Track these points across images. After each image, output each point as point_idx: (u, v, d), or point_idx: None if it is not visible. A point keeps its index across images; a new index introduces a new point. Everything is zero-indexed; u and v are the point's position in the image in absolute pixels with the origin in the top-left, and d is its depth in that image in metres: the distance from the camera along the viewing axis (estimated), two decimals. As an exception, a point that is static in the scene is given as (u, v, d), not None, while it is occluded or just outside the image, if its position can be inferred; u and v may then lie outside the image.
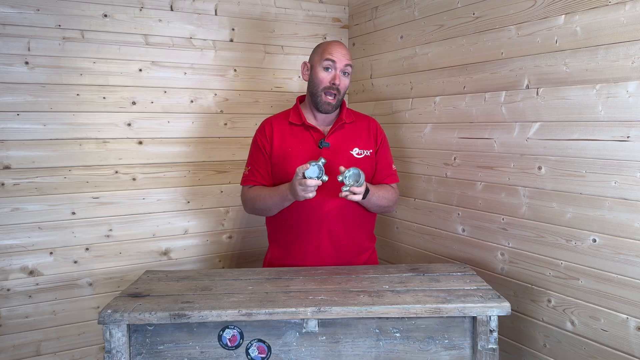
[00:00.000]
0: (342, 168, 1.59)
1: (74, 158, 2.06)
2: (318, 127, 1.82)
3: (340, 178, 1.58)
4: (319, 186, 1.74)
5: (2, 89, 1.92)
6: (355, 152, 1.82)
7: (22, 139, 1.97)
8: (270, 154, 1.82)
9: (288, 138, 1.82)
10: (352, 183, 1.57)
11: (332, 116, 1.85)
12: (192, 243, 2.34)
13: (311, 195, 1.56)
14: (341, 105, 1.88)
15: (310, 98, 1.82)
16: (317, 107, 1.79)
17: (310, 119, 1.84)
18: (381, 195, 1.78)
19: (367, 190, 1.66)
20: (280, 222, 1.84)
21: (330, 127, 1.83)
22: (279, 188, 1.71)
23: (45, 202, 2.02)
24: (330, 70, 1.76)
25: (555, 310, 1.64)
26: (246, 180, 1.85)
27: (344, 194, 1.57)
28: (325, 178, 1.56)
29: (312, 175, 1.54)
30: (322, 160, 1.56)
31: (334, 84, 1.75)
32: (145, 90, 2.18)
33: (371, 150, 1.85)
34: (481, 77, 1.86)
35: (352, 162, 1.78)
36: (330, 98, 1.76)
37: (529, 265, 1.72)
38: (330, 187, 1.76)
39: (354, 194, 1.58)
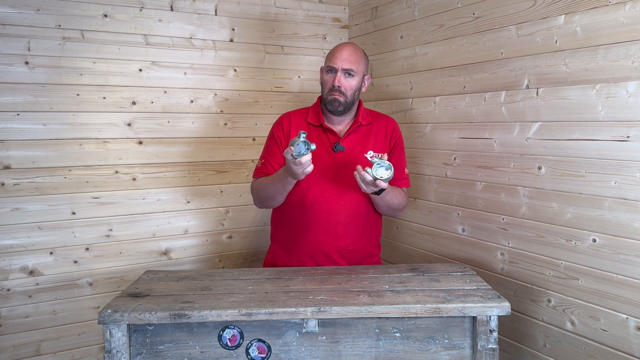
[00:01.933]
0: (383, 157, 1.57)
1: (74, 158, 2.06)
2: (335, 130, 1.81)
3: (369, 156, 1.56)
4: (327, 190, 1.75)
5: (2, 89, 1.93)
6: (369, 155, 1.78)
7: (22, 139, 1.97)
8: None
9: None
10: (373, 172, 1.54)
11: (349, 118, 1.85)
12: (192, 243, 2.34)
13: (309, 169, 1.54)
14: (358, 106, 1.87)
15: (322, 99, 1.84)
16: (326, 106, 1.80)
17: (327, 121, 1.83)
18: (394, 195, 1.76)
19: (379, 190, 1.63)
20: (285, 221, 1.84)
21: (347, 129, 1.82)
22: (277, 173, 1.70)
23: (45, 202, 2.02)
24: (331, 72, 1.77)
25: (555, 310, 1.65)
26: (257, 172, 1.85)
27: (359, 176, 1.55)
28: (313, 147, 1.52)
29: (300, 152, 1.51)
30: (303, 134, 1.52)
31: (333, 85, 1.75)
32: (145, 90, 2.18)
33: (386, 154, 1.82)
34: (481, 77, 1.86)
35: (366, 165, 1.72)
36: (335, 96, 1.75)
37: (529, 265, 1.72)
38: (339, 193, 1.76)
39: (368, 184, 1.55)
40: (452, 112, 2.00)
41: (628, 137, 1.42)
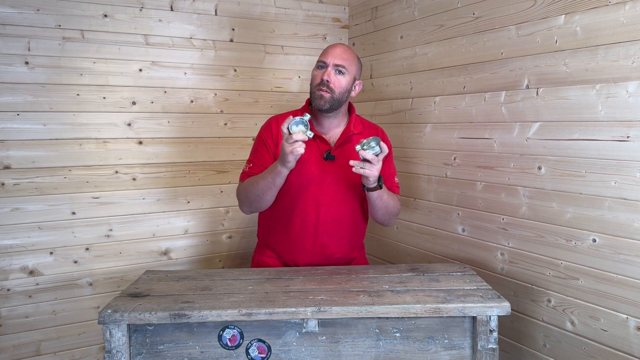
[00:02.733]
0: (362, 139, 1.55)
1: (74, 158, 2.06)
2: (325, 137, 1.76)
3: (358, 147, 1.53)
4: (316, 199, 1.73)
5: (2, 89, 1.93)
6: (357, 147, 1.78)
7: (22, 139, 1.97)
8: (275, 154, 1.76)
9: None
10: (367, 148, 1.52)
11: (341, 124, 1.80)
12: (192, 243, 2.34)
13: (300, 149, 1.51)
14: (350, 113, 1.83)
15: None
16: (314, 104, 1.72)
17: (317, 126, 1.77)
18: (390, 195, 1.74)
19: (382, 180, 1.63)
20: (273, 227, 1.81)
21: (338, 137, 1.77)
22: (269, 167, 1.67)
23: (45, 202, 2.02)
24: (322, 67, 1.72)
25: (555, 310, 1.65)
26: (244, 176, 1.78)
27: (356, 167, 1.54)
28: (311, 134, 1.53)
29: (296, 129, 1.52)
30: (307, 115, 1.54)
31: (322, 79, 1.69)
32: (145, 90, 2.18)
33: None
34: (481, 77, 1.86)
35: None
36: (322, 92, 1.68)
37: (529, 265, 1.72)
38: (328, 202, 1.74)
39: (367, 162, 1.53)
40: (452, 112, 2.00)
41: (628, 137, 1.42)
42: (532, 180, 1.69)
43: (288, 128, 1.53)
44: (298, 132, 1.52)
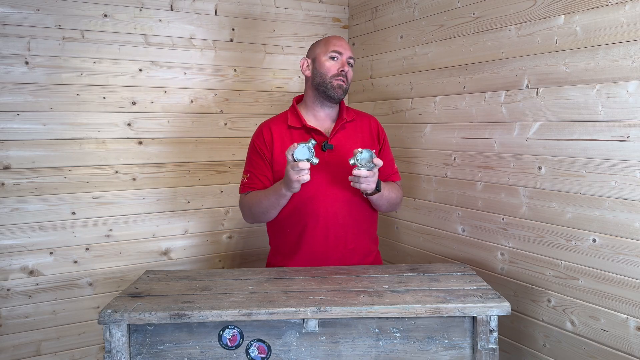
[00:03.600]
0: (355, 150, 1.55)
1: (74, 158, 2.07)
2: (319, 129, 1.77)
3: (352, 161, 1.53)
4: (322, 192, 1.72)
5: (2, 89, 1.93)
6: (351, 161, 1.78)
7: (22, 139, 1.97)
8: (272, 161, 1.76)
9: (289, 143, 1.75)
10: (363, 165, 1.52)
11: (333, 115, 1.82)
12: (192, 243, 2.34)
13: (306, 177, 1.51)
14: (340, 103, 1.85)
15: (318, 89, 1.76)
16: (327, 94, 1.74)
17: (310, 120, 1.79)
18: (390, 190, 1.76)
19: (380, 183, 1.63)
20: (282, 228, 1.80)
21: (332, 127, 1.79)
22: (273, 186, 1.68)
23: (45, 202, 2.02)
24: (337, 59, 1.74)
25: (555, 310, 1.65)
26: (245, 187, 1.78)
27: (353, 176, 1.55)
28: (316, 160, 1.52)
29: (301, 157, 1.50)
30: (312, 141, 1.52)
31: (342, 71, 1.73)
32: (145, 90, 2.18)
33: (374, 150, 1.82)
34: (481, 77, 1.86)
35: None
36: (342, 83, 1.73)
37: (529, 265, 1.72)
38: (334, 193, 1.74)
39: (362, 177, 1.53)
40: (452, 112, 2.00)
41: (628, 137, 1.42)
42: (532, 180, 1.69)
43: (293, 155, 1.51)
44: (303, 160, 1.50)
